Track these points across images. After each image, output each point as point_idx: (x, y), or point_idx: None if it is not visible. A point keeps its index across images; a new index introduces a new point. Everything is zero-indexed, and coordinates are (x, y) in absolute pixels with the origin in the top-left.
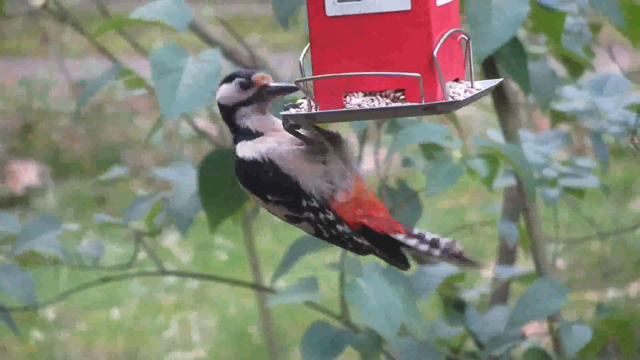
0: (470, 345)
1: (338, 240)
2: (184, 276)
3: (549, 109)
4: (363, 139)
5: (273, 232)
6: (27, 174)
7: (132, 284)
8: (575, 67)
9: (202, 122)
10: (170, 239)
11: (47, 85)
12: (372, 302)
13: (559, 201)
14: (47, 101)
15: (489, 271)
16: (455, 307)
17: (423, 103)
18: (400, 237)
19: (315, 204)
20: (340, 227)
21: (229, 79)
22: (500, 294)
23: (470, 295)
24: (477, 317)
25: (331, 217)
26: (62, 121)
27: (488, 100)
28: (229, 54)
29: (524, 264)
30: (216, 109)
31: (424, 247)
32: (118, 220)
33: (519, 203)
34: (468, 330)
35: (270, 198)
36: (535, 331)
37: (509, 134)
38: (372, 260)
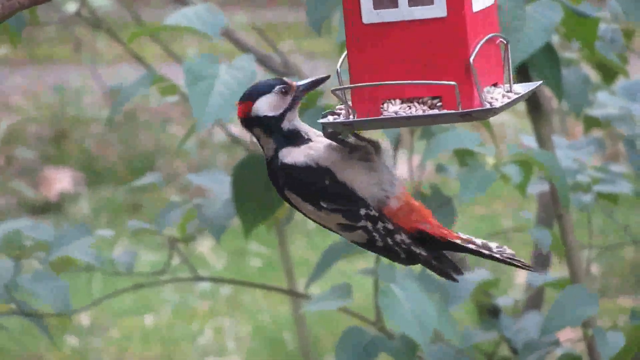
0: (504, 351)
1: (390, 250)
2: (218, 282)
3: (582, 115)
4: (396, 145)
5: (307, 238)
6: (61, 180)
7: (166, 291)
8: (609, 73)
9: (236, 129)
10: (204, 246)
11: (80, 92)
12: (405, 309)
13: (593, 207)
14: (80, 108)
15: (523, 278)
16: (489, 313)
17: (460, 110)
18: (458, 242)
19: (374, 212)
20: (398, 237)
21: (264, 91)
22: (535, 300)
23: (504, 301)
24: (511, 323)
25: (390, 225)
26: (95, 128)
27: (521, 106)
28: (262, 61)
29: (558, 270)
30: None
31: (486, 252)
32: (151, 226)
33: (552, 209)
34: (502, 337)
35: (325, 206)
36: (569, 337)
37: (543, 140)
38: (406, 267)
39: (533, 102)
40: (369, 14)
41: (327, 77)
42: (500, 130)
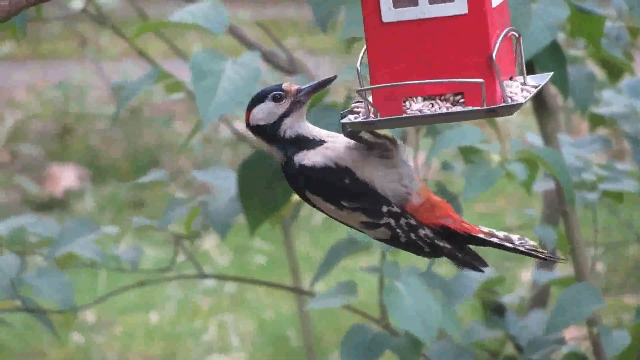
0: (509, 349)
1: (414, 245)
2: (223, 279)
3: (587, 112)
4: (402, 142)
5: (311, 235)
6: (66, 177)
7: (170, 288)
8: (614, 71)
9: (241, 126)
10: (208, 242)
11: (85, 88)
12: (409, 306)
13: (598, 205)
14: (84, 104)
15: (527, 275)
16: (494, 311)
17: (485, 107)
18: (481, 235)
19: (396, 209)
20: (422, 231)
21: (258, 100)
22: (540, 298)
23: (509, 299)
24: (517, 321)
25: (412, 221)
26: (99, 124)
27: (527, 103)
28: (266, 57)
29: (563, 268)
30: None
31: (509, 245)
32: (156, 223)
33: (557, 207)
34: (507, 334)
35: (346, 205)
36: (574, 335)
37: (548, 138)
38: (411, 264)
39: (538, 100)
40: (389, 13)
41: (334, 78)
42: (504, 127)
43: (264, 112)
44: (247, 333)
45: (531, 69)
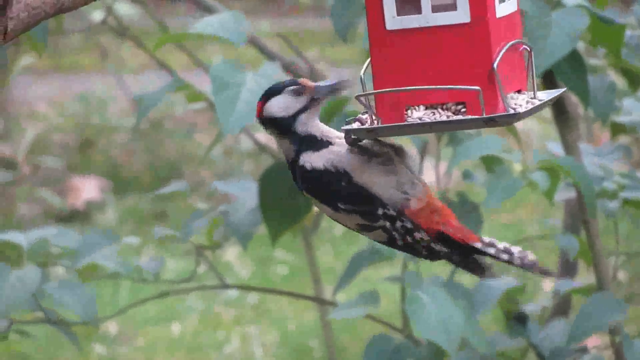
0: (531, 358)
1: (411, 248)
2: (245, 290)
3: (608, 121)
4: (423, 152)
5: (332, 245)
6: (88, 189)
7: (192, 299)
8: (635, 79)
9: (262, 136)
10: (230, 253)
11: (106, 100)
12: (432, 315)
13: (619, 214)
14: (105, 116)
15: (550, 284)
16: (516, 320)
17: (484, 116)
18: (478, 245)
19: (392, 212)
20: (417, 235)
21: (275, 92)
22: (562, 307)
23: (531, 308)
24: (539, 330)
25: (408, 224)
26: (120, 136)
27: (548, 113)
28: (287, 68)
29: (585, 277)
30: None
31: (504, 256)
32: (178, 234)
33: (579, 216)
34: (529, 344)
35: (342, 207)
36: (596, 344)
37: (569, 147)
38: (433, 274)
39: (559, 109)
40: (392, 21)
41: (348, 82)
42: (526, 137)
43: (282, 105)
44: (270, 344)
45: (552, 78)
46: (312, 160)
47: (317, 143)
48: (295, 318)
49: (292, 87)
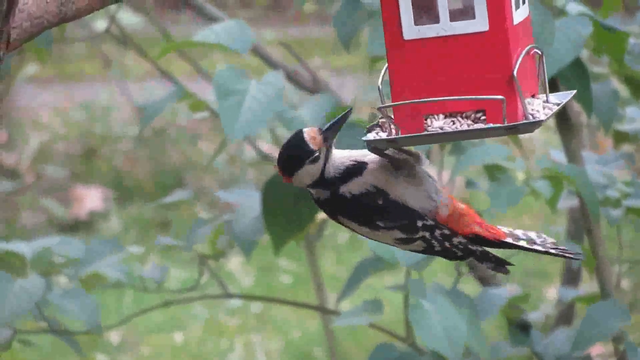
0: None
1: (448, 251)
2: (249, 299)
3: (612, 129)
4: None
5: (336, 254)
6: (91, 198)
7: (195, 307)
8: (638, 87)
9: (265, 145)
10: (233, 262)
11: (109, 109)
12: (435, 324)
13: (622, 222)
14: (109, 125)
15: (553, 292)
16: (519, 328)
17: (505, 124)
18: (509, 240)
19: (430, 222)
20: (455, 239)
21: (295, 165)
22: (566, 315)
23: (534, 316)
24: (542, 339)
25: (446, 231)
26: (124, 145)
27: (550, 121)
28: (290, 77)
29: (588, 285)
30: (280, 132)
31: (537, 247)
32: (181, 243)
33: (582, 224)
34: (533, 352)
35: (382, 225)
36: (600, 352)
37: (572, 155)
38: (435, 282)
39: (562, 117)
40: (410, 30)
41: (349, 111)
42: (528, 144)
43: (307, 175)
44: (274, 352)
45: (555, 85)
46: (350, 188)
47: (348, 174)
48: (298, 326)
49: (310, 159)
